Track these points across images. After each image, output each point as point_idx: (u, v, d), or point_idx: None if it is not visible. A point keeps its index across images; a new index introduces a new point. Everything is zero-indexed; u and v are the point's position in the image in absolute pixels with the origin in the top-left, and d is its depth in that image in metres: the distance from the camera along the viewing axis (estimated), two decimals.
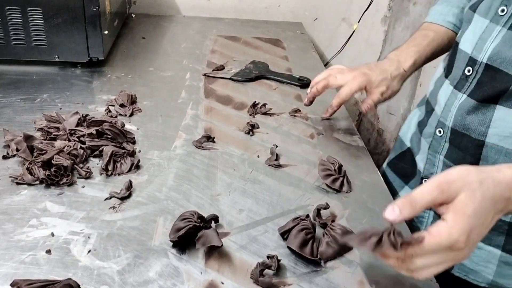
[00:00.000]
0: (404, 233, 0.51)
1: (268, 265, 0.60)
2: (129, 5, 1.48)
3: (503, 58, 0.69)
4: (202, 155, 0.84)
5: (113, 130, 0.81)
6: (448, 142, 0.78)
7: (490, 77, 0.71)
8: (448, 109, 0.77)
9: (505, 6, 0.70)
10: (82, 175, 0.74)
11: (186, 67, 1.19)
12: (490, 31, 0.72)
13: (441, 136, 0.79)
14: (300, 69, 1.24)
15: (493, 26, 0.72)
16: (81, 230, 0.64)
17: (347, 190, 0.77)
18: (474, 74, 0.74)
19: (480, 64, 0.73)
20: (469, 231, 0.48)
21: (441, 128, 0.79)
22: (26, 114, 0.90)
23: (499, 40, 0.70)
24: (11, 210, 0.66)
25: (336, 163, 0.80)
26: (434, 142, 0.81)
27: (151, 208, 0.70)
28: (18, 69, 1.08)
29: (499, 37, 0.70)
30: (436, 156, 0.81)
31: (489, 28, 0.72)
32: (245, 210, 0.71)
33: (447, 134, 0.78)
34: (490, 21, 0.72)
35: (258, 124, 0.95)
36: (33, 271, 0.57)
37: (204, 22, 1.55)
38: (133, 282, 0.57)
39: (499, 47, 0.70)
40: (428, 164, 0.83)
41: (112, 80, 1.08)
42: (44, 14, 1.03)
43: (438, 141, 0.80)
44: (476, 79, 0.73)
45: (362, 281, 0.61)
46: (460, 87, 0.76)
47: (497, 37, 0.71)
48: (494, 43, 0.71)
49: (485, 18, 0.73)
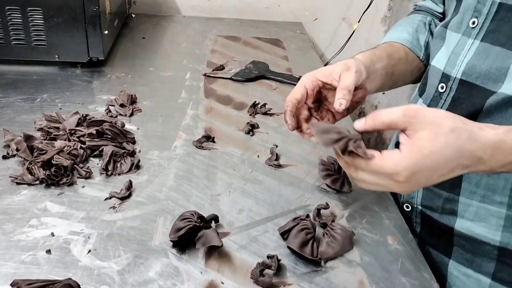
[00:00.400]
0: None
1: (268, 265, 0.60)
2: (129, 5, 1.48)
3: (478, 72, 0.66)
4: (202, 155, 0.84)
5: (113, 130, 0.81)
6: None
7: (466, 93, 0.68)
8: None
9: (476, 18, 0.68)
10: (82, 175, 0.74)
11: (186, 67, 1.19)
12: (462, 44, 0.69)
13: None
14: (300, 69, 1.24)
15: (465, 39, 0.69)
16: (81, 230, 0.64)
17: (347, 190, 0.77)
18: (448, 90, 0.71)
19: (454, 80, 0.70)
20: (416, 170, 0.49)
21: None
22: (26, 114, 0.90)
23: (472, 53, 0.68)
24: (11, 210, 0.66)
25: (336, 163, 0.80)
26: None
27: (151, 208, 0.70)
28: (18, 69, 1.08)
29: (472, 50, 0.68)
30: None
31: (462, 42, 0.70)
32: (245, 210, 0.71)
33: None
34: (462, 35, 0.70)
35: (258, 124, 0.95)
36: (33, 271, 0.57)
37: (204, 22, 1.55)
38: (133, 282, 0.57)
39: (473, 61, 0.67)
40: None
41: (112, 80, 1.08)
42: (44, 14, 1.03)
43: None
44: (450, 96, 0.70)
45: (362, 281, 0.61)
46: (433, 105, 0.73)
47: (470, 50, 0.68)
48: (468, 57, 0.68)
49: (457, 33, 0.71)
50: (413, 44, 0.83)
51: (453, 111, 0.65)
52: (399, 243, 0.69)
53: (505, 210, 0.67)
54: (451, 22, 0.74)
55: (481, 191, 0.68)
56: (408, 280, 0.62)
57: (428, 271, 0.64)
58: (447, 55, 0.72)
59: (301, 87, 0.68)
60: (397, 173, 0.49)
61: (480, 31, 0.67)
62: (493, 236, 0.69)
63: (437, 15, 0.87)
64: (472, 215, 0.70)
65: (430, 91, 0.74)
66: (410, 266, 0.65)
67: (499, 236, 0.68)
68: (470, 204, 0.70)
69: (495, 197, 0.67)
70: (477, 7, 0.68)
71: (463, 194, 0.70)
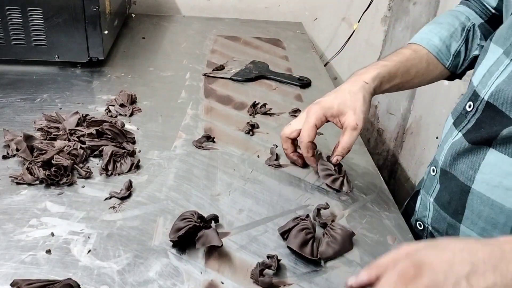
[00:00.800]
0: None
1: (268, 265, 0.60)
2: (129, 5, 1.48)
3: (505, 98, 0.60)
4: (202, 155, 0.84)
5: (113, 130, 0.81)
6: (439, 183, 0.71)
7: (489, 117, 0.62)
8: (442, 146, 0.70)
9: None
10: (82, 175, 0.74)
11: (186, 67, 1.19)
12: (498, 64, 0.62)
13: (434, 175, 0.73)
14: (300, 69, 1.24)
15: (503, 58, 0.61)
16: (81, 230, 0.64)
17: (347, 190, 0.77)
18: (474, 111, 0.65)
19: (481, 101, 0.63)
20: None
21: (435, 167, 0.73)
22: (26, 114, 0.90)
23: (505, 76, 0.60)
24: (11, 210, 0.66)
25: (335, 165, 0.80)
26: (427, 181, 0.75)
27: (151, 208, 0.70)
28: (18, 69, 1.08)
29: (506, 72, 0.60)
30: (427, 198, 0.74)
31: (499, 61, 0.62)
32: (245, 210, 0.71)
33: (439, 174, 0.71)
34: (502, 53, 0.62)
35: (258, 124, 0.95)
36: (33, 271, 0.57)
37: (204, 22, 1.55)
38: (133, 282, 0.57)
39: (503, 85, 0.60)
40: (422, 205, 0.77)
41: (112, 80, 1.08)
42: (44, 14, 1.03)
43: (431, 180, 0.74)
44: (475, 117, 0.64)
45: None
46: (458, 123, 0.68)
47: (504, 72, 0.61)
48: (500, 79, 0.61)
49: (500, 48, 0.63)
50: (441, 52, 0.79)
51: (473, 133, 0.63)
52: (399, 243, 0.69)
53: None
54: (496, 35, 0.66)
55: (481, 223, 0.65)
56: None
57: None
58: (483, 71, 0.65)
59: (313, 127, 0.74)
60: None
61: None
62: None
63: (488, 9, 0.79)
64: None
65: (460, 107, 0.69)
66: None
67: None
68: (470, 235, 0.67)
69: (495, 232, 0.63)
70: None
71: (465, 223, 0.67)
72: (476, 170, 0.63)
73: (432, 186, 0.74)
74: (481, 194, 0.64)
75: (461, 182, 0.66)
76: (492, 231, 0.64)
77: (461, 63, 0.81)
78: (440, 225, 0.72)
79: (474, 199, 0.64)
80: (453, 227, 0.69)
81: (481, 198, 0.64)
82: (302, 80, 1.17)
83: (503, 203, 0.61)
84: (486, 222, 0.64)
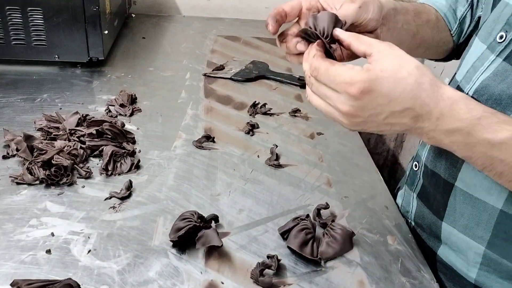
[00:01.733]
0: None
1: (268, 265, 0.60)
2: (129, 5, 1.48)
3: (490, 94, 0.58)
4: (202, 155, 0.84)
5: (113, 130, 0.81)
6: (422, 179, 0.71)
7: None
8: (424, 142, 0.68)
9: (505, 32, 0.58)
10: (82, 175, 0.74)
11: (186, 67, 1.19)
12: (483, 59, 0.61)
13: (416, 170, 0.72)
14: (300, 69, 1.23)
15: (488, 54, 0.60)
16: (81, 230, 0.64)
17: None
18: None
19: None
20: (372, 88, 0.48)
21: (417, 162, 0.72)
22: (26, 114, 0.90)
23: (490, 72, 0.59)
24: (11, 210, 0.66)
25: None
26: (410, 176, 0.75)
27: (151, 208, 0.70)
28: (18, 69, 1.08)
29: (491, 68, 0.59)
30: (411, 194, 0.74)
31: (483, 56, 0.61)
32: (245, 210, 0.71)
33: (421, 170, 0.71)
34: (486, 48, 0.61)
35: (258, 124, 0.95)
36: (33, 271, 0.57)
37: (204, 22, 1.55)
38: (133, 282, 0.57)
39: (488, 80, 0.59)
40: (405, 201, 0.76)
41: (112, 80, 1.08)
42: (44, 14, 1.03)
43: (414, 176, 0.73)
44: None
45: (362, 281, 0.61)
46: None
47: (489, 67, 0.59)
48: (485, 75, 0.60)
49: (483, 43, 0.62)
50: (448, 13, 0.74)
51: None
52: (399, 243, 0.69)
53: (484, 247, 0.62)
54: (481, 30, 0.65)
55: (464, 221, 0.63)
56: (408, 280, 0.62)
57: (428, 271, 0.64)
58: (467, 66, 0.64)
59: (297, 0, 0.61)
60: (353, 83, 0.48)
61: (506, 48, 0.58)
62: (468, 272, 0.65)
63: None
64: (453, 245, 0.66)
65: None
66: (410, 266, 0.65)
67: (475, 273, 0.64)
68: (452, 232, 0.66)
69: (478, 230, 0.62)
70: (510, 19, 0.58)
71: (446, 220, 0.66)
72: (459, 168, 0.63)
73: (414, 182, 0.73)
74: (463, 192, 0.63)
75: (443, 179, 0.65)
76: (475, 228, 0.62)
77: (465, 31, 0.76)
78: (423, 221, 0.72)
79: (457, 196, 0.64)
80: (435, 224, 0.68)
81: (464, 195, 0.63)
82: (302, 80, 1.17)
83: (485, 200, 0.60)
84: (469, 219, 0.63)
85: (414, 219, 0.75)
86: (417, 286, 0.62)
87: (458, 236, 0.65)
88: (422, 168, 0.71)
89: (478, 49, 0.63)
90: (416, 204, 0.73)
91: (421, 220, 0.72)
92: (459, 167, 0.63)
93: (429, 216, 0.70)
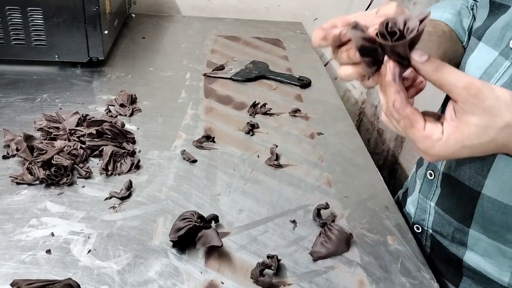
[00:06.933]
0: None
1: (268, 265, 0.60)
2: (129, 5, 1.48)
3: None
4: (202, 155, 0.84)
5: (113, 130, 0.81)
6: (440, 188, 0.70)
7: None
8: None
9: None
10: (82, 175, 0.74)
11: (186, 67, 1.19)
12: (497, 65, 0.61)
13: (432, 179, 0.71)
14: (300, 69, 1.24)
15: (502, 60, 0.60)
16: (81, 230, 0.64)
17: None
18: None
19: None
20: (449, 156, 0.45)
21: (432, 171, 0.71)
22: (26, 114, 0.90)
23: (507, 78, 0.59)
24: (11, 210, 0.66)
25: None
26: (424, 185, 0.74)
27: (151, 208, 0.70)
28: (18, 69, 1.08)
29: (506, 74, 0.59)
30: (427, 202, 0.73)
31: (497, 63, 0.61)
32: (245, 210, 0.71)
33: (438, 179, 0.70)
34: (499, 54, 0.61)
35: (258, 124, 0.95)
36: (33, 271, 0.57)
37: (204, 22, 1.55)
38: (133, 282, 0.57)
39: (505, 86, 0.58)
40: (419, 209, 0.75)
41: (112, 80, 1.08)
42: (44, 14, 1.03)
43: (429, 185, 0.72)
44: None
45: (362, 281, 0.61)
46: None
47: (504, 74, 0.59)
48: (501, 81, 0.59)
49: (494, 50, 0.62)
50: (456, 26, 0.73)
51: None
52: (399, 243, 0.69)
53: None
54: (486, 35, 0.65)
55: (494, 227, 0.63)
56: (408, 280, 0.62)
57: (428, 271, 0.64)
58: (478, 73, 0.63)
59: (371, 13, 0.51)
60: (428, 153, 0.45)
61: None
62: (501, 277, 0.65)
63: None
64: (482, 250, 0.66)
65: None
66: (410, 266, 0.65)
67: (508, 277, 0.64)
68: (480, 238, 0.65)
69: (509, 235, 0.62)
70: None
71: (474, 227, 0.65)
72: (485, 175, 0.62)
73: (431, 191, 0.72)
74: (491, 199, 0.62)
75: (469, 187, 0.64)
76: (506, 234, 0.62)
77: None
78: (444, 229, 0.71)
79: (485, 204, 0.63)
80: (461, 231, 0.68)
81: (492, 203, 0.62)
82: (302, 80, 1.17)
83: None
84: (499, 226, 0.62)
85: (432, 227, 0.73)
86: (417, 286, 0.62)
87: (487, 242, 0.64)
88: (439, 177, 0.70)
89: (488, 56, 0.62)
90: (434, 212, 0.72)
91: (441, 228, 0.71)
92: (485, 175, 0.62)
93: (452, 224, 0.69)
